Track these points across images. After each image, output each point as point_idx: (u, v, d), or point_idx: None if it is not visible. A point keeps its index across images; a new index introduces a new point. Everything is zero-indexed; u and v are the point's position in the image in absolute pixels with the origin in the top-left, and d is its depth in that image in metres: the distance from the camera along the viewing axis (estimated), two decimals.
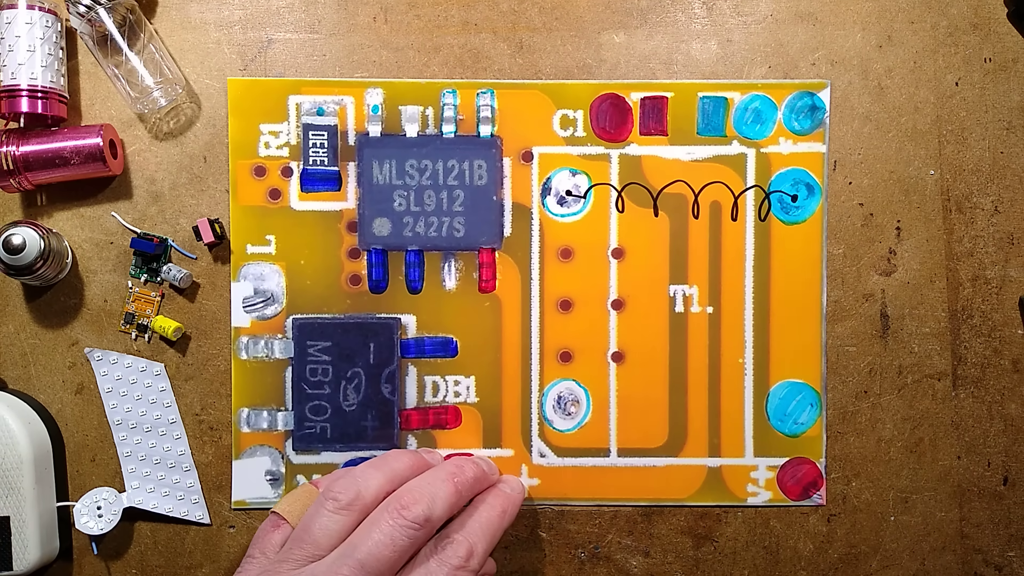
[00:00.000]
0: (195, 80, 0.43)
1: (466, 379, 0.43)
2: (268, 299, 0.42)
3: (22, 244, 0.39)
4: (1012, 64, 0.43)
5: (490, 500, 0.38)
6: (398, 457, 0.39)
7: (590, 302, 0.43)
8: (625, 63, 0.43)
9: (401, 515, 0.34)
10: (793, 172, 0.43)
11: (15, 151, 0.40)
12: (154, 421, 0.42)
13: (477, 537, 0.36)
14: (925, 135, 0.43)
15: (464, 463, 0.39)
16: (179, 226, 0.43)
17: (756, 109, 0.43)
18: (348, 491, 0.35)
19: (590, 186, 0.43)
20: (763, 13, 0.43)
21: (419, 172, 0.43)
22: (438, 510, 0.35)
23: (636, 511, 0.43)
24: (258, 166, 0.42)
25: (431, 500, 0.35)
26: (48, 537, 0.41)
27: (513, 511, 0.39)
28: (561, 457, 0.43)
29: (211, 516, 0.43)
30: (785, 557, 0.43)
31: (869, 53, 0.43)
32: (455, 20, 0.43)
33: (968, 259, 0.43)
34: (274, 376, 0.42)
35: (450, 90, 0.42)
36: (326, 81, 0.42)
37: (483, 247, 0.43)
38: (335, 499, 0.35)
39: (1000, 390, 0.43)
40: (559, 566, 0.43)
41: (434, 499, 0.35)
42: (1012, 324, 0.43)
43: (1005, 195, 0.43)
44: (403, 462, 0.38)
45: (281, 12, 0.43)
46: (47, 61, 0.40)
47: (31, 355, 0.42)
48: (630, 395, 0.43)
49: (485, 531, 0.37)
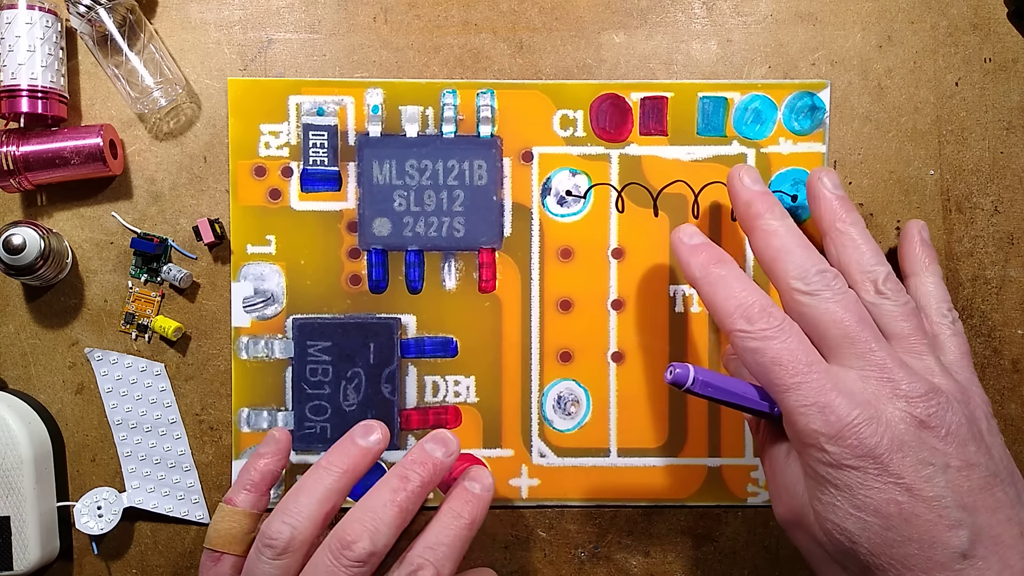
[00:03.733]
0: (195, 80, 0.43)
1: (466, 379, 0.43)
2: (268, 299, 0.42)
3: (22, 244, 0.39)
4: (1012, 64, 0.43)
5: (456, 508, 0.35)
6: (329, 464, 0.35)
7: (590, 302, 0.43)
8: (625, 63, 0.43)
9: (343, 555, 0.32)
10: (793, 172, 0.43)
11: (15, 151, 0.40)
12: (154, 421, 0.42)
13: (444, 559, 0.34)
14: (925, 135, 0.43)
15: (409, 470, 0.35)
16: (179, 226, 0.43)
17: (756, 109, 0.43)
18: (281, 534, 0.33)
19: (590, 186, 0.43)
20: (763, 13, 0.43)
21: (419, 172, 0.43)
22: (382, 539, 0.33)
23: (636, 511, 0.43)
24: (258, 166, 0.42)
25: (374, 531, 0.33)
26: (48, 537, 0.41)
27: (483, 515, 0.36)
28: (561, 457, 0.43)
29: (211, 516, 0.43)
30: (785, 557, 0.43)
31: (869, 53, 0.43)
32: (455, 20, 0.43)
33: (968, 259, 0.43)
34: (274, 376, 0.42)
35: (450, 90, 0.42)
36: (326, 81, 0.42)
37: (483, 247, 0.43)
38: (271, 546, 0.33)
39: (1000, 390, 0.43)
40: (559, 566, 0.43)
41: (377, 529, 0.33)
42: (1012, 324, 0.43)
43: (1005, 195, 0.43)
44: (335, 471, 0.35)
45: (281, 12, 0.43)
46: (47, 61, 0.40)
47: (31, 355, 0.42)
48: (630, 395, 0.43)
49: (452, 549, 0.34)
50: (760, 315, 0.32)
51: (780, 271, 0.34)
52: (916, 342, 0.33)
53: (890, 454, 0.30)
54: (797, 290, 0.33)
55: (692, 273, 0.35)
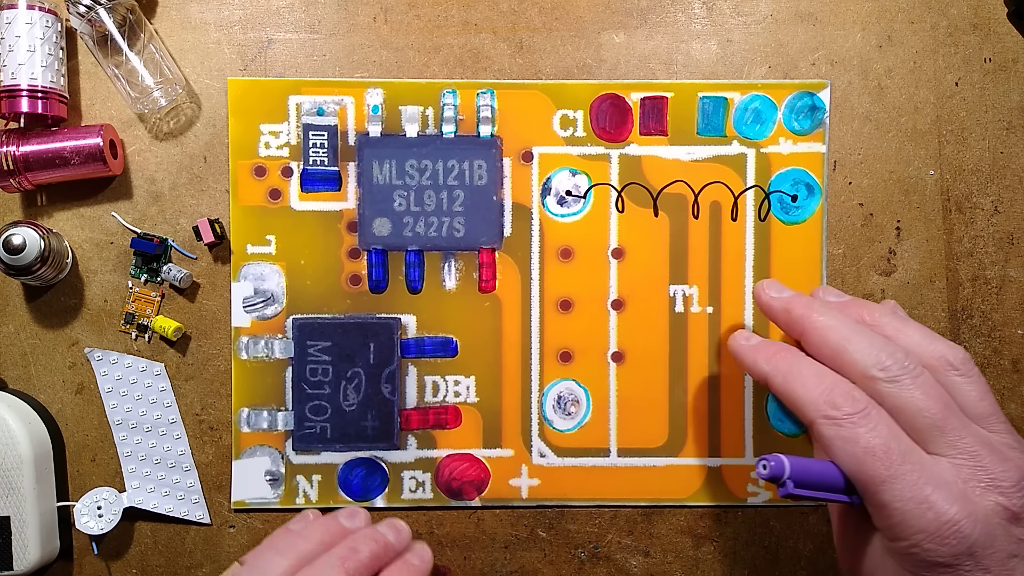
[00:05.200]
0: (195, 80, 0.43)
1: (466, 379, 0.43)
2: (268, 299, 0.42)
3: (22, 244, 0.39)
4: (1012, 64, 0.43)
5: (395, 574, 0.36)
6: (309, 534, 0.37)
7: (590, 302, 0.43)
8: (625, 63, 0.43)
9: None
10: (793, 172, 0.43)
11: (15, 151, 0.40)
12: (154, 421, 0.42)
13: None
14: (925, 135, 0.43)
15: (359, 543, 0.36)
16: (179, 226, 0.43)
17: (756, 109, 0.43)
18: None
19: (590, 186, 0.43)
20: (763, 13, 0.43)
21: (419, 172, 0.43)
22: None
23: (636, 511, 0.43)
24: (258, 166, 0.42)
25: None
26: (48, 537, 0.41)
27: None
28: (561, 457, 0.43)
29: (211, 516, 0.43)
30: (785, 557, 0.43)
31: (869, 53, 0.43)
32: (455, 20, 0.43)
33: (968, 259, 0.43)
34: (274, 376, 0.42)
35: (450, 90, 0.42)
36: (326, 81, 0.42)
37: (483, 247, 0.43)
38: None
39: (1000, 390, 0.43)
40: (559, 566, 0.43)
41: None
42: (1012, 324, 0.43)
43: (1005, 195, 0.43)
44: (312, 540, 0.36)
45: (281, 12, 0.43)
46: (47, 61, 0.40)
47: (31, 355, 0.42)
48: (630, 395, 0.43)
49: None
50: (844, 399, 0.32)
51: (849, 363, 0.33)
52: (996, 421, 0.33)
53: (983, 550, 0.30)
54: (876, 378, 0.32)
55: (762, 370, 0.35)
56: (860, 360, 0.32)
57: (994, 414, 0.32)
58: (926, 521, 0.29)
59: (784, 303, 0.36)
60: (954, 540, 0.29)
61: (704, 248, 0.43)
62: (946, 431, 0.31)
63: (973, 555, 0.29)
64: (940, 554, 0.29)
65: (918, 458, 0.31)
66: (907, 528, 0.30)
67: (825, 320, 0.34)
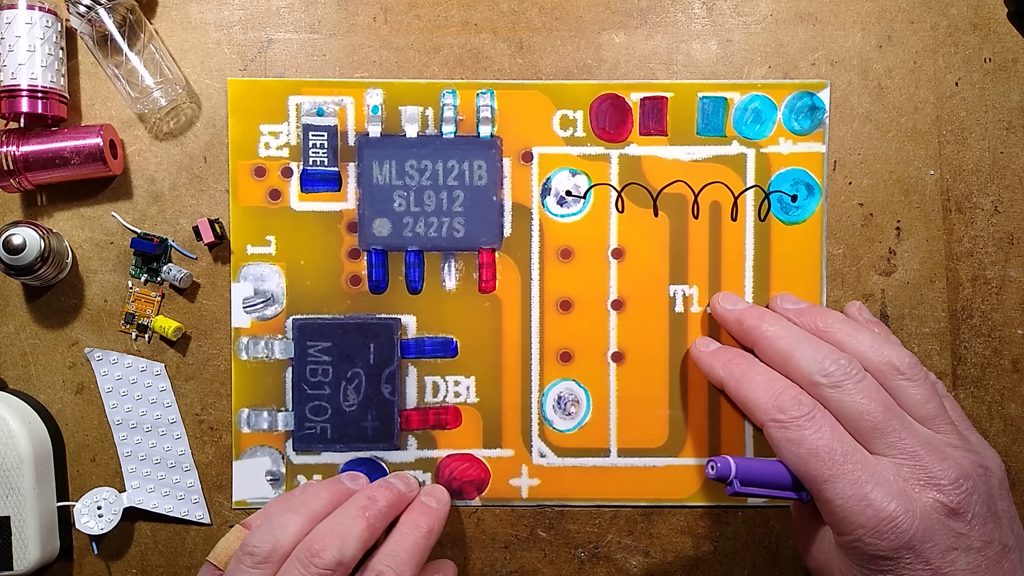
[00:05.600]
0: (195, 80, 0.43)
1: (466, 379, 0.43)
2: (268, 299, 0.42)
3: (22, 244, 0.39)
4: (1012, 64, 0.43)
5: (414, 519, 0.38)
6: (317, 492, 0.38)
7: (590, 302, 0.43)
8: (625, 63, 0.43)
9: (312, 563, 0.33)
10: (793, 172, 0.43)
11: (15, 151, 0.40)
12: (154, 421, 0.42)
13: (404, 565, 0.35)
14: (925, 135, 0.43)
15: (377, 492, 0.37)
16: (179, 226, 0.43)
17: (756, 109, 0.43)
18: (264, 543, 0.35)
19: (590, 186, 0.43)
20: (763, 13, 0.43)
21: (419, 172, 0.43)
22: (350, 551, 0.34)
23: (636, 511, 0.43)
24: (258, 166, 0.42)
25: (342, 542, 0.34)
26: (48, 537, 0.41)
27: (440, 525, 0.38)
28: (561, 457, 0.43)
29: (211, 516, 0.43)
30: (785, 557, 0.43)
31: (869, 53, 0.43)
32: (455, 20, 0.43)
33: (968, 259, 0.43)
34: (274, 376, 0.42)
35: (450, 90, 0.42)
36: (326, 81, 0.42)
37: (483, 247, 0.43)
38: (252, 553, 0.35)
39: (1000, 390, 0.43)
40: (559, 566, 0.43)
41: (345, 540, 0.34)
42: (1012, 324, 0.43)
43: (1005, 195, 0.43)
44: (322, 498, 0.37)
45: (281, 12, 0.43)
46: (47, 61, 0.40)
47: (31, 355, 0.42)
48: (630, 395, 0.43)
49: (412, 556, 0.36)
50: (791, 403, 0.34)
51: (796, 369, 0.35)
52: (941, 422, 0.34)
53: (922, 544, 0.31)
54: (820, 384, 0.34)
55: (717, 375, 0.38)
56: (805, 367, 0.35)
57: (939, 415, 0.35)
58: (866, 517, 0.32)
59: (737, 315, 0.40)
60: (892, 535, 0.31)
61: (704, 248, 0.43)
62: (887, 432, 0.33)
63: (912, 548, 0.31)
64: (880, 548, 0.32)
65: (860, 458, 0.33)
66: (849, 524, 0.32)
67: (774, 330, 0.37)
